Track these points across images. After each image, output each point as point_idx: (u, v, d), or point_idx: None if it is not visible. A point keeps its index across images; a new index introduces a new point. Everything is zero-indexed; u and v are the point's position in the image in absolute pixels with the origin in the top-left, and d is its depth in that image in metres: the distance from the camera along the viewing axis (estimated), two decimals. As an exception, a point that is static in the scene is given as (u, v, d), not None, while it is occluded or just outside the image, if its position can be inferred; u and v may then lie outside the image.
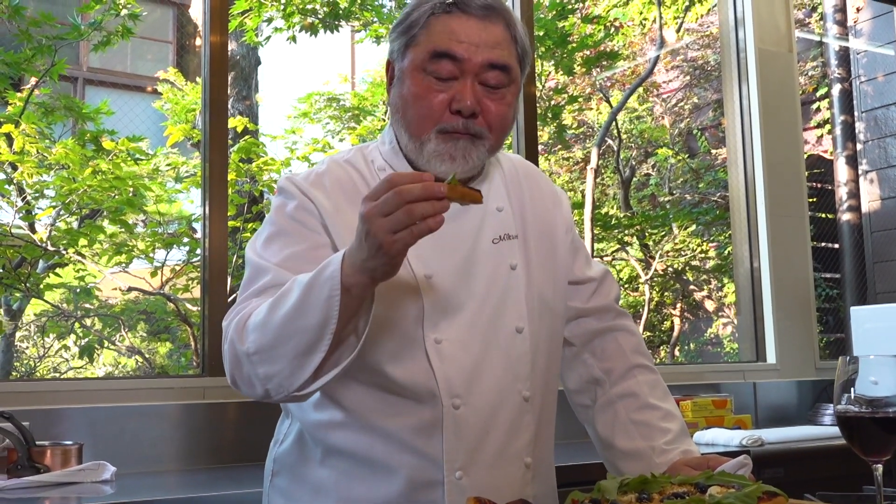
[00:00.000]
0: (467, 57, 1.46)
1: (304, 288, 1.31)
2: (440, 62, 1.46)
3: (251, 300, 1.44)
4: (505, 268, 1.56)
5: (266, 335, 1.35)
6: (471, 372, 1.49)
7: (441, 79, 1.47)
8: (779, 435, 3.23)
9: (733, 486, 1.28)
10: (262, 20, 6.18)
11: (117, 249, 5.24)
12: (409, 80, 1.49)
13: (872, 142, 6.30)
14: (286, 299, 1.33)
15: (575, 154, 8.52)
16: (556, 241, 1.66)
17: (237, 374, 1.41)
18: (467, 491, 1.46)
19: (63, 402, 2.67)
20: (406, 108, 1.50)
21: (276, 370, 1.35)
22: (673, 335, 7.84)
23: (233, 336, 1.40)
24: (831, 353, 6.28)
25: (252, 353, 1.36)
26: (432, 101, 1.47)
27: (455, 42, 1.46)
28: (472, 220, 1.55)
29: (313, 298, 1.30)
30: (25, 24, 4.86)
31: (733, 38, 4.30)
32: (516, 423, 1.53)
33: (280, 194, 1.56)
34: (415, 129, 1.49)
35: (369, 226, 1.23)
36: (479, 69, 1.47)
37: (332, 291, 1.28)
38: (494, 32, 1.49)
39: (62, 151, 4.91)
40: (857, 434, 1.39)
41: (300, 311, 1.31)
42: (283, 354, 1.34)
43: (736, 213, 4.25)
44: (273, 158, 5.66)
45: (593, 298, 1.72)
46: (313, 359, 1.32)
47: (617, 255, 7.96)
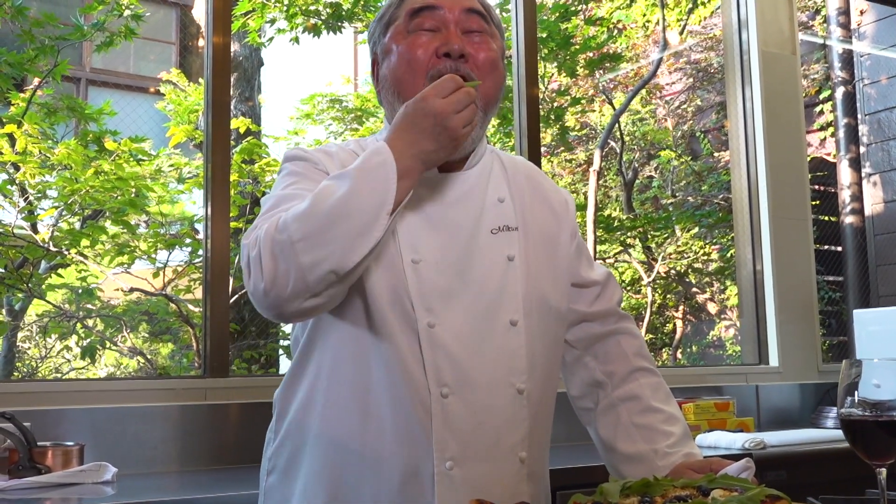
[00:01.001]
0: (445, 5, 1.52)
1: (355, 173, 1.35)
2: (421, 16, 1.52)
3: (276, 210, 1.43)
4: (502, 259, 1.54)
5: (315, 221, 1.33)
6: (461, 361, 1.47)
7: (425, 30, 1.52)
8: (781, 438, 3.23)
9: (736, 489, 1.28)
10: (264, 21, 6.18)
11: (119, 250, 5.24)
12: (398, 50, 1.52)
13: (876, 145, 6.30)
14: (333, 188, 1.35)
15: (577, 156, 8.52)
16: (558, 241, 1.65)
17: (275, 270, 1.35)
18: (458, 483, 1.44)
19: (64, 403, 2.67)
20: (396, 71, 1.53)
21: (325, 253, 1.33)
22: (675, 338, 7.83)
23: (268, 234, 1.36)
24: (834, 356, 6.28)
25: (297, 241, 1.33)
26: (419, 55, 1.51)
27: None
28: (473, 210, 1.55)
29: (368, 181, 1.33)
30: (28, 24, 4.86)
31: (736, 40, 4.29)
32: (510, 417, 1.51)
33: (288, 158, 1.58)
34: (408, 86, 1.50)
35: (433, 107, 1.33)
36: (459, 16, 1.52)
37: (388, 174, 1.33)
38: None
39: (65, 152, 4.91)
40: (861, 438, 1.38)
41: (354, 193, 1.33)
42: (337, 236, 1.33)
43: (739, 215, 4.24)
44: (275, 160, 5.66)
45: (596, 302, 1.71)
46: (370, 238, 1.34)
47: (619, 257, 7.95)
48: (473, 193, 1.56)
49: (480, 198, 1.56)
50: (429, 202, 1.52)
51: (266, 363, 5.87)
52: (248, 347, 5.83)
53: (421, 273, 1.47)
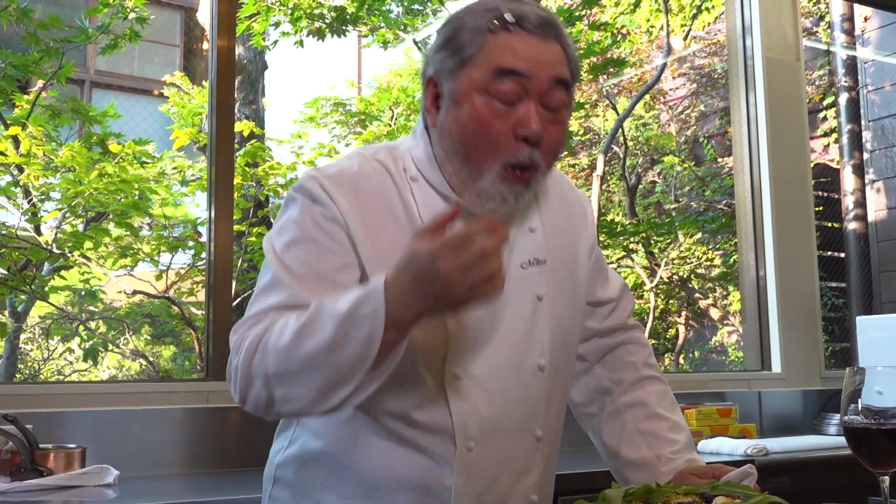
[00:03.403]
0: (534, 74, 1.38)
1: (341, 322, 1.24)
2: (504, 81, 1.37)
3: (267, 315, 1.36)
4: (531, 298, 1.49)
5: (291, 362, 1.28)
6: (488, 413, 1.43)
7: (505, 102, 1.37)
8: (784, 444, 3.22)
9: (739, 496, 1.28)
10: (269, 24, 6.19)
11: (122, 252, 5.24)
12: (469, 103, 1.38)
13: (879, 151, 6.29)
14: (317, 329, 1.26)
15: (581, 161, 8.52)
16: (578, 263, 1.60)
17: (248, 390, 1.34)
18: None
19: (67, 406, 2.67)
20: (464, 132, 1.39)
21: (296, 394, 1.30)
22: (678, 343, 7.82)
23: (248, 352, 1.32)
24: (837, 363, 6.27)
25: (272, 375, 1.30)
26: (496, 127, 1.37)
27: (520, 59, 1.37)
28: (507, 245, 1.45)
29: (351, 335, 1.23)
30: (33, 26, 4.87)
31: (741, 46, 4.29)
32: (527, 464, 1.50)
33: (305, 193, 1.43)
34: (475, 157, 1.39)
35: (441, 269, 1.17)
36: (544, 87, 1.39)
37: (373, 330, 1.21)
38: (554, 50, 1.41)
39: (68, 154, 4.91)
40: (864, 445, 1.38)
41: (335, 345, 1.24)
42: (309, 383, 1.28)
43: (742, 221, 4.24)
44: (279, 163, 5.66)
45: (609, 318, 1.70)
46: (342, 392, 1.27)
47: (622, 262, 7.94)
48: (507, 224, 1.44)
49: (515, 229, 1.49)
50: None
51: (268, 366, 5.86)
52: (251, 350, 5.82)
53: (460, 321, 1.41)
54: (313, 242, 1.40)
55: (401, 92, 7.28)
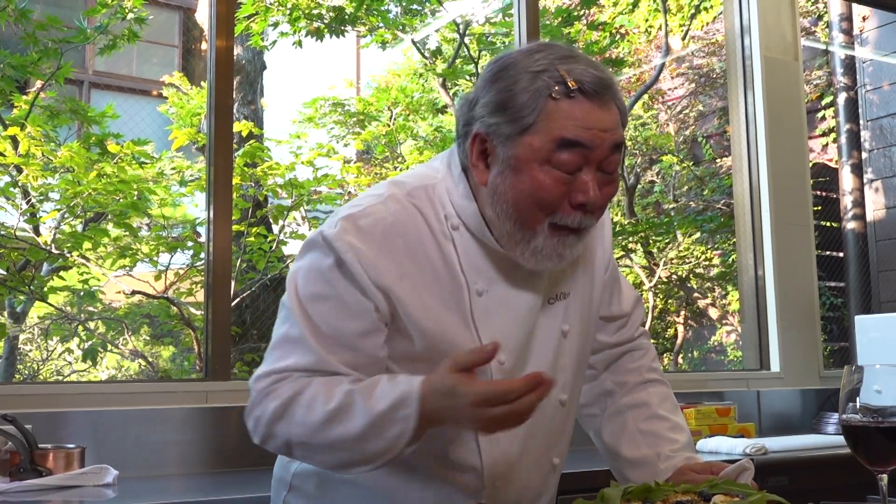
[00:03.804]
0: (597, 144, 1.35)
1: (373, 419, 1.29)
2: (566, 153, 1.34)
3: (289, 375, 1.37)
4: (557, 334, 1.51)
5: (317, 440, 1.34)
6: (515, 451, 1.49)
7: (566, 172, 1.35)
8: (783, 443, 3.22)
9: (738, 494, 1.28)
10: (267, 24, 6.19)
11: (121, 253, 5.24)
12: (530, 172, 1.35)
13: (878, 150, 6.30)
14: (348, 419, 1.30)
15: (579, 161, 8.51)
16: (594, 285, 1.60)
17: (268, 443, 1.39)
18: None
19: (66, 406, 2.67)
20: (522, 199, 1.36)
21: (316, 459, 1.40)
22: (676, 343, 7.83)
23: (274, 415, 1.35)
24: (835, 362, 6.28)
25: (295, 444, 1.36)
26: (555, 194, 1.36)
27: (582, 129, 1.33)
28: (536, 280, 1.48)
29: (381, 432, 1.29)
30: (32, 27, 4.87)
31: (739, 45, 4.29)
32: (543, 488, 1.58)
33: (335, 250, 1.38)
34: (528, 220, 1.37)
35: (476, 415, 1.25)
36: (604, 155, 1.36)
37: (403, 431, 1.28)
38: (613, 114, 1.37)
39: (67, 154, 4.91)
40: (862, 443, 1.38)
41: (364, 437, 1.30)
42: (332, 457, 1.36)
43: (740, 220, 4.24)
44: (278, 163, 5.66)
45: (619, 333, 1.71)
46: (361, 468, 1.35)
47: (621, 261, 7.94)
48: None
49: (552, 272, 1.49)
50: (506, 288, 1.45)
51: (267, 366, 5.86)
52: (250, 350, 5.83)
53: (505, 370, 1.44)
54: (340, 303, 1.38)
55: (399, 92, 7.29)
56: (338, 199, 5.99)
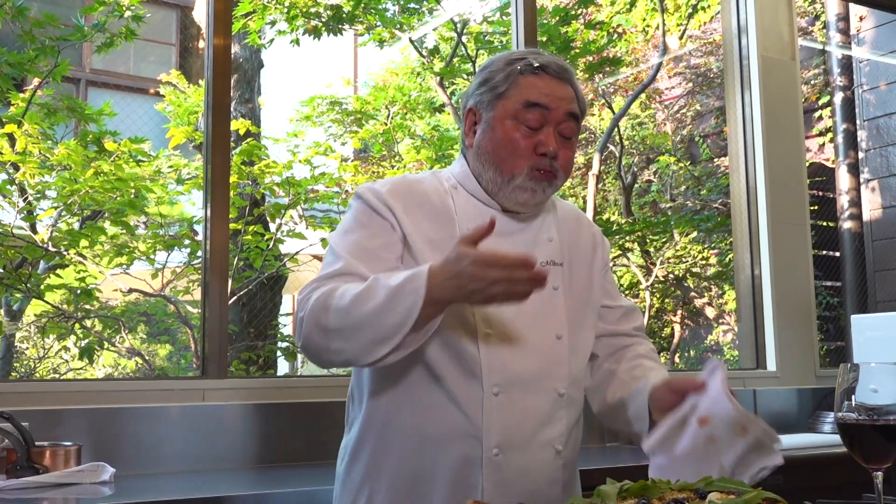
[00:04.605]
0: (553, 107, 1.78)
1: (391, 291, 1.57)
2: (531, 111, 1.77)
3: (327, 282, 1.69)
4: (548, 287, 1.77)
5: (347, 319, 1.61)
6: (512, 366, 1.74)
7: (530, 127, 1.77)
8: (778, 442, 3.22)
9: (734, 492, 1.29)
10: (265, 23, 6.18)
11: (118, 251, 5.24)
12: (501, 127, 1.78)
13: (874, 150, 6.31)
14: (371, 296, 1.59)
15: (577, 160, 8.52)
16: (592, 275, 1.94)
17: (311, 341, 1.66)
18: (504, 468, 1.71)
19: (62, 403, 2.68)
20: (497, 149, 1.79)
21: (348, 347, 1.63)
22: (673, 342, 7.83)
23: (314, 309, 1.64)
24: (832, 361, 6.28)
25: (331, 330, 1.62)
26: (522, 145, 1.77)
27: (543, 95, 1.78)
28: (527, 243, 1.84)
29: (397, 302, 1.56)
30: (29, 24, 4.86)
31: (736, 45, 4.30)
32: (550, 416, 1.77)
33: (359, 198, 1.82)
34: (506, 166, 1.78)
35: (482, 275, 1.51)
36: (561, 118, 1.78)
37: (415, 302, 1.55)
38: (568, 90, 1.81)
39: (64, 152, 4.91)
40: (858, 441, 1.39)
41: (383, 309, 1.57)
42: (359, 338, 1.61)
43: (737, 220, 4.25)
44: (275, 161, 5.66)
45: (620, 322, 1.97)
46: (384, 348, 1.59)
47: (618, 261, 7.95)
48: (529, 231, 1.86)
49: (533, 237, 1.86)
50: (495, 234, 1.70)
51: (264, 365, 5.86)
52: (247, 349, 5.83)
53: None
54: (364, 228, 1.78)
55: (397, 91, 7.29)
56: (335, 197, 5.99)
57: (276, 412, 2.96)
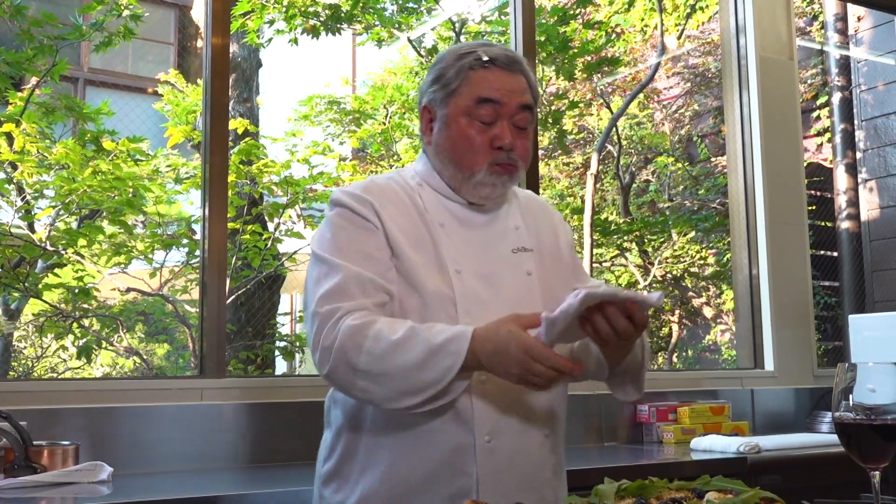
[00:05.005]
0: (505, 101, 1.78)
1: (431, 348, 1.61)
2: (483, 107, 1.78)
3: (342, 302, 1.68)
4: (523, 273, 1.85)
5: (380, 365, 1.62)
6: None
7: (484, 122, 1.78)
8: (776, 442, 3.23)
9: (731, 491, 1.29)
10: (263, 22, 6.18)
11: (116, 250, 5.23)
12: (455, 124, 1.80)
13: (872, 150, 6.31)
14: (409, 347, 1.61)
15: (575, 159, 8.53)
16: (562, 256, 1.97)
17: (337, 375, 1.67)
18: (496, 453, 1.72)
19: (60, 403, 2.67)
20: (454, 146, 1.80)
21: (373, 391, 1.64)
22: (671, 341, 7.84)
23: (344, 345, 1.64)
24: (829, 361, 6.29)
25: (361, 371, 1.64)
26: (478, 140, 1.79)
27: (494, 90, 1.78)
28: (496, 233, 1.87)
29: (436, 362, 1.60)
30: (27, 23, 4.86)
31: (734, 45, 4.30)
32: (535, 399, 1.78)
33: (338, 204, 1.81)
34: (464, 162, 1.80)
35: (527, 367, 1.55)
36: (514, 111, 1.79)
37: (454, 363, 1.59)
38: (520, 81, 1.82)
39: (62, 151, 4.91)
40: (855, 441, 1.39)
41: (419, 365, 1.60)
42: (388, 386, 1.63)
43: (735, 220, 4.25)
44: (273, 161, 5.66)
45: None
46: (412, 399, 1.63)
47: (616, 260, 7.96)
48: (497, 221, 1.89)
49: (502, 226, 1.89)
50: (463, 227, 1.84)
51: (262, 364, 5.86)
52: (245, 348, 5.83)
53: (463, 281, 1.77)
54: (351, 232, 1.77)
55: (395, 90, 7.29)
56: (333, 196, 5.97)
57: (274, 411, 2.96)
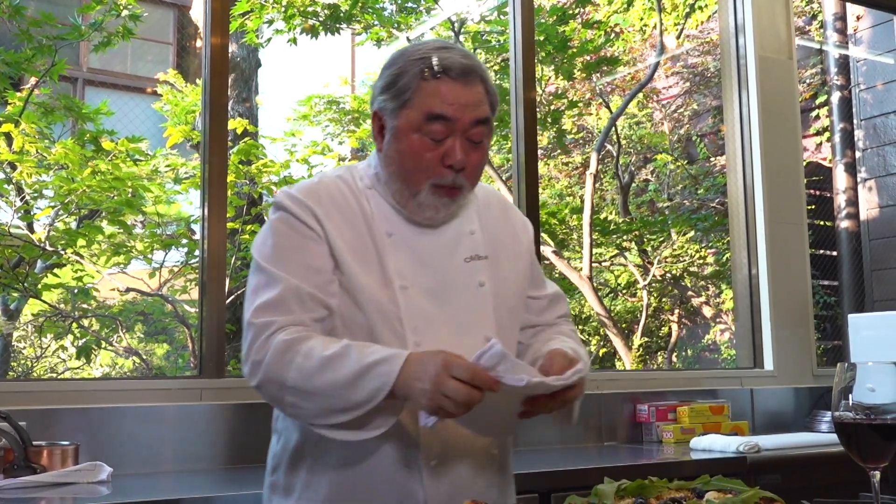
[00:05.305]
0: (458, 117, 1.65)
1: (361, 369, 1.52)
2: (434, 124, 1.65)
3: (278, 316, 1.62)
4: (475, 285, 1.76)
5: (310, 383, 1.55)
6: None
7: (434, 140, 1.66)
8: (776, 441, 3.23)
9: (731, 491, 1.29)
10: (262, 22, 6.18)
11: (115, 250, 5.24)
12: (406, 139, 1.67)
13: (871, 150, 6.31)
14: (340, 367, 1.54)
15: (574, 159, 8.53)
16: (520, 262, 1.87)
17: (266, 389, 1.61)
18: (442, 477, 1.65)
19: (60, 403, 2.67)
20: (402, 161, 1.68)
21: (302, 406, 1.58)
22: (670, 341, 7.84)
23: (275, 360, 1.58)
24: (829, 361, 6.29)
25: (290, 386, 1.57)
26: (427, 158, 1.67)
27: (446, 105, 1.65)
28: (448, 241, 1.76)
29: (365, 382, 1.52)
30: (26, 23, 4.86)
31: (733, 44, 4.30)
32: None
33: (280, 208, 1.72)
34: (410, 180, 1.69)
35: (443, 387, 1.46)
36: (467, 127, 1.66)
37: (384, 384, 1.50)
38: (476, 92, 1.68)
39: (61, 151, 4.91)
40: (855, 440, 1.39)
41: (349, 384, 1.53)
42: (316, 403, 1.56)
43: (735, 219, 4.25)
44: (272, 161, 5.66)
45: (544, 314, 1.91)
46: (338, 418, 1.55)
47: (615, 260, 7.96)
48: (449, 228, 1.77)
49: (455, 232, 1.78)
50: (412, 236, 1.74)
51: (262, 364, 5.86)
52: (244, 348, 5.82)
53: (409, 297, 1.68)
54: (293, 240, 1.69)
55: (394, 90, 7.27)
56: (332, 196, 5.98)
57: (273, 412, 2.95)
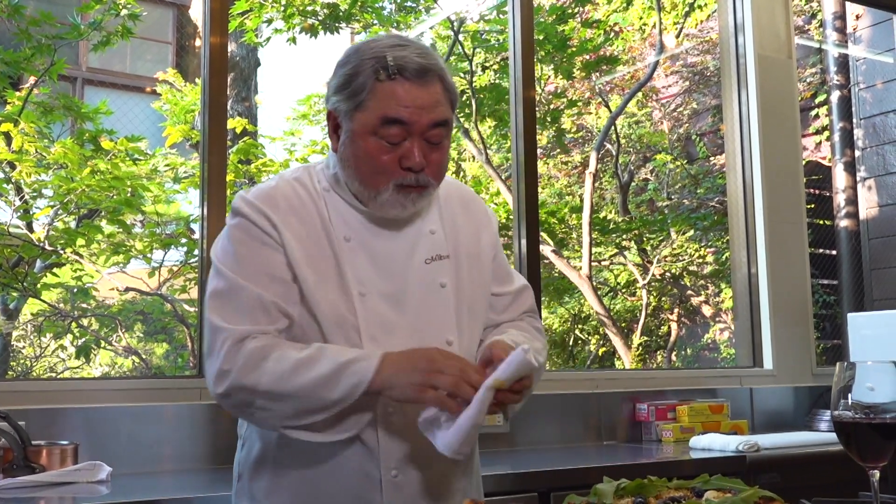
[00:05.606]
0: (414, 120, 1.60)
1: (337, 367, 1.52)
2: (390, 127, 1.60)
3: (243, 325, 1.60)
4: (436, 286, 1.72)
5: (283, 385, 1.54)
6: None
7: (391, 143, 1.61)
8: (775, 440, 3.23)
9: (730, 490, 1.29)
10: (262, 21, 6.18)
11: (115, 249, 5.24)
12: (362, 143, 1.62)
13: (871, 149, 6.31)
14: (315, 366, 1.53)
15: (574, 158, 8.53)
16: (483, 259, 1.82)
17: (233, 395, 1.58)
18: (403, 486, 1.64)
19: (59, 402, 2.67)
20: (359, 165, 1.63)
21: (273, 409, 1.56)
22: (670, 340, 7.84)
23: (245, 368, 1.56)
24: (828, 360, 6.29)
25: (262, 391, 1.55)
26: (385, 161, 1.62)
27: (402, 108, 1.59)
28: (408, 242, 1.72)
29: (342, 379, 1.51)
30: (25, 23, 4.86)
31: (733, 43, 4.30)
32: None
33: (237, 214, 1.68)
34: (369, 183, 1.64)
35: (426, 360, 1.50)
36: (424, 129, 1.61)
37: (361, 381, 1.51)
38: (433, 93, 1.62)
39: (61, 151, 4.91)
40: (854, 440, 1.39)
41: (325, 384, 1.52)
42: (289, 405, 1.54)
43: (734, 218, 4.25)
44: (272, 160, 5.66)
45: (507, 311, 1.86)
46: (311, 419, 1.55)
47: (615, 259, 7.96)
48: (409, 229, 1.72)
49: (415, 232, 1.73)
50: (371, 239, 1.69)
51: (261, 363, 5.86)
52: (243, 348, 5.82)
53: (367, 304, 1.65)
54: (252, 248, 1.65)
55: (394, 89, 7.27)
56: (332, 196, 5.98)
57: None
